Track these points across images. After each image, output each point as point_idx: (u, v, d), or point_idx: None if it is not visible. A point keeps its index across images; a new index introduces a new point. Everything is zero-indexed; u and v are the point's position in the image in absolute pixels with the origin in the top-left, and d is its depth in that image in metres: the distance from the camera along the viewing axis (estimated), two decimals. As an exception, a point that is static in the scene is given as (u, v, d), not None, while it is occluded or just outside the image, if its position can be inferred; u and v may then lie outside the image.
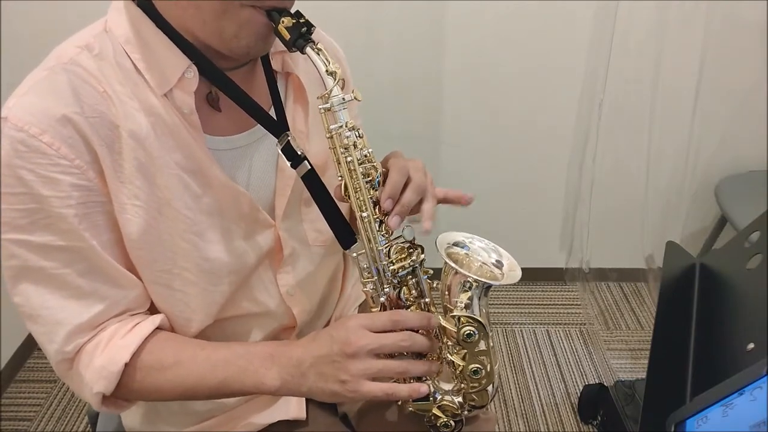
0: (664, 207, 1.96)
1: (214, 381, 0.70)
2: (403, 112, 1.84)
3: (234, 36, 0.64)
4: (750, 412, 0.48)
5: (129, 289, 0.71)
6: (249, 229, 0.76)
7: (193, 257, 0.72)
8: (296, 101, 0.79)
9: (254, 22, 0.63)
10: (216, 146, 0.72)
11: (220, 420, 0.85)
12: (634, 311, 2.10)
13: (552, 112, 1.88)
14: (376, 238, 0.70)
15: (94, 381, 0.68)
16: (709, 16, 1.65)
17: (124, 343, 0.69)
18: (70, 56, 0.65)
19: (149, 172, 0.67)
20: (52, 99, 0.62)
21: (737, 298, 0.72)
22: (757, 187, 1.78)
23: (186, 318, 0.75)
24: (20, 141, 0.61)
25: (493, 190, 2.02)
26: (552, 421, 1.71)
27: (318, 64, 0.64)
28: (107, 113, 0.64)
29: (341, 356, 0.65)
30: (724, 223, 1.77)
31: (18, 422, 1.72)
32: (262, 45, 0.66)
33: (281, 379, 0.68)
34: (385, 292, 0.72)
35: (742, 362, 0.62)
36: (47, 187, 0.62)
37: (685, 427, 0.55)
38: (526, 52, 1.76)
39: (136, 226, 0.67)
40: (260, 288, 0.80)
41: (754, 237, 0.72)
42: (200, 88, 0.68)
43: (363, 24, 1.71)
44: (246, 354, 0.70)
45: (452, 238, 0.75)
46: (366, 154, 0.69)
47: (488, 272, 0.74)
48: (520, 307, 2.12)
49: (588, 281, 2.14)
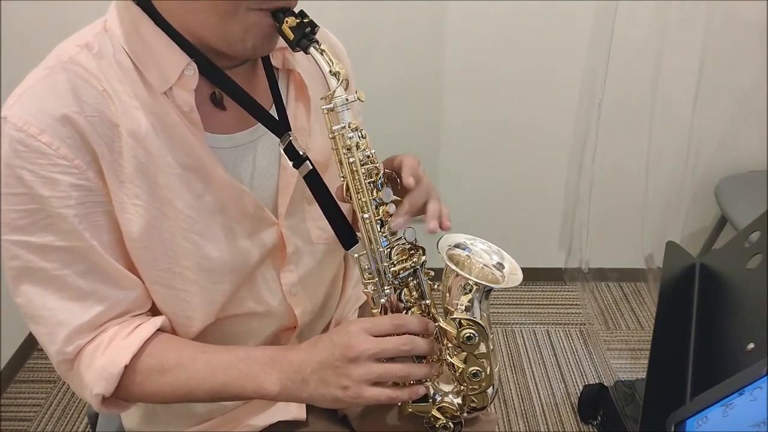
0: (664, 207, 1.96)
1: (214, 384, 0.70)
2: (402, 112, 1.84)
3: (240, 39, 0.64)
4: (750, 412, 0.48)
5: (130, 289, 0.71)
6: (252, 227, 0.76)
7: (194, 256, 0.71)
8: (298, 98, 0.79)
9: (261, 25, 0.63)
10: (218, 144, 0.71)
11: (220, 421, 0.85)
12: (634, 311, 2.10)
13: (552, 111, 1.88)
14: (378, 240, 0.69)
15: (95, 382, 0.68)
16: (709, 16, 1.65)
17: (124, 344, 0.69)
18: (70, 55, 0.64)
19: (149, 171, 0.67)
20: (52, 98, 0.62)
21: (737, 298, 0.72)
22: (757, 187, 1.78)
23: (187, 317, 0.75)
24: (19, 141, 0.60)
25: (493, 189, 2.02)
26: (552, 421, 1.71)
27: (321, 65, 0.64)
28: (107, 112, 0.64)
29: (343, 361, 0.65)
30: (724, 223, 1.77)
31: (18, 422, 1.72)
32: (267, 46, 0.66)
33: (281, 384, 0.67)
34: (385, 294, 0.72)
35: (742, 362, 0.62)
36: (47, 187, 0.62)
37: (685, 427, 0.55)
38: (526, 52, 1.76)
39: (137, 226, 0.67)
40: (263, 286, 0.80)
41: (754, 237, 0.72)
42: (202, 87, 0.68)
43: (363, 24, 1.71)
44: (247, 358, 0.70)
45: (454, 239, 0.74)
46: (369, 155, 0.68)
47: (489, 275, 0.73)
48: (520, 307, 2.12)
49: (588, 281, 2.14)
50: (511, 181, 2.01)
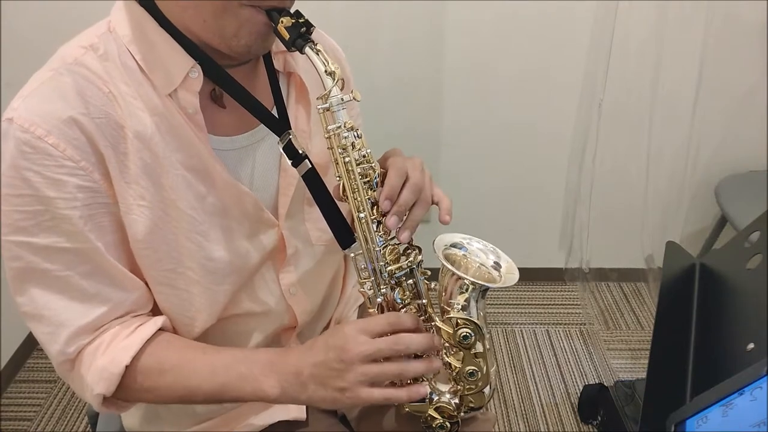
0: (664, 207, 1.96)
1: (214, 386, 0.70)
2: (402, 113, 1.84)
3: (234, 35, 0.64)
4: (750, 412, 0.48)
5: (132, 291, 0.71)
6: (253, 229, 0.76)
7: (198, 257, 0.72)
8: (298, 101, 0.79)
9: (254, 22, 0.63)
10: (219, 146, 0.72)
11: (220, 421, 0.85)
12: (634, 311, 2.10)
13: (552, 112, 1.88)
14: (374, 239, 0.70)
15: (95, 382, 0.68)
16: (709, 16, 1.65)
17: (125, 345, 0.69)
18: (75, 57, 0.65)
19: (155, 172, 0.67)
20: (58, 100, 0.62)
21: (737, 298, 0.72)
22: (757, 187, 1.78)
23: (189, 317, 0.75)
24: (26, 142, 0.61)
25: (493, 189, 2.02)
26: (552, 421, 1.71)
27: (317, 64, 0.64)
28: (113, 114, 0.64)
29: (339, 363, 0.65)
30: (724, 223, 1.76)
31: (18, 422, 1.72)
32: (261, 44, 0.66)
33: (281, 387, 0.68)
34: (382, 293, 0.72)
35: (742, 362, 0.62)
36: (53, 188, 0.62)
37: (685, 427, 0.55)
38: (526, 51, 1.76)
39: (142, 226, 0.67)
40: (263, 287, 0.80)
41: (754, 237, 0.72)
42: (204, 87, 0.68)
43: (363, 24, 1.71)
44: (246, 360, 0.70)
45: (450, 239, 0.74)
46: (364, 154, 0.69)
47: (486, 274, 0.73)
48: (520, 307, 2.12)
49: (588, 281, 2.14)
50: (511, 181, 2.01)
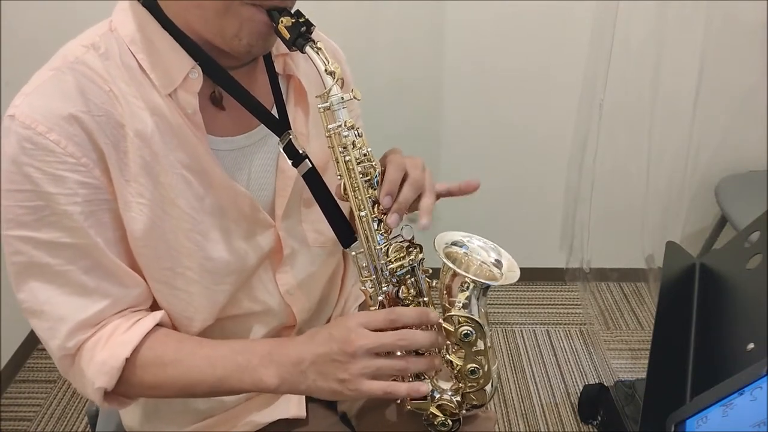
0: (664, 207, 1.96)
1: (213, 378, 0.70)
2: (402, 113, 1.84)
3: (235, 35, 0.64)
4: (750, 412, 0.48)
5: (132, 287, 0.71)
6: (249, 229, 0.76)
7: (197, 256, 0.72)
8: (297, 103, 0.80)
9: (255, 21, 0.63)
10: (217, 147, 0.72)
11: (220, 419, 0.85)
12: (634, 311, 2.10)
13: (552, 111, 1.88)
14: (375, 237, 0.70)
15: (96, 376, 0.68)
16: (709, 16, 1.65)
17: (125, 338, 0.69)
18: (77, 55, 0.65)
19: (154, 171, 0.67)
20: (59, 98, 0.62)
21: (737, 298, 0.72)
22: (757, 187, 1.78)
23: (188, 317, 0.75)
24: (27, 139, 0.61)
25: (493, 189, 2.02)
26: (552, 421, 1.71)
27: (317, 63, 0.65)
28: (113, 112, 0.65)
29: (341, 355, 0.65)
30: (724, 223, 1.77)
31: (18, 422, 1.72)
32: (262, 44, 0.67)
33: (280, 377, 0.68)
34: (383, 291, 0.72)
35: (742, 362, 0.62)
36: (54, 184, 0.62)
37: (685, 427, 0.55)
38: (526, 52, 1.76)
39: (141, 224, 0.68)
40: (260, 287, 0.81)
41: (754, 237, 0.72)
42: (203, 88, 0.69)
43: (363, 24, 1.71)
44: (245, 351, 0.70)
45: (451, 237, 0.75)
46: (365, 153, 0.69)
47: (487, 272, 0.73)
48: (520, 307, 2.12)
49: (588, 281, 2.14)
50: (511, 181, 2.01)
